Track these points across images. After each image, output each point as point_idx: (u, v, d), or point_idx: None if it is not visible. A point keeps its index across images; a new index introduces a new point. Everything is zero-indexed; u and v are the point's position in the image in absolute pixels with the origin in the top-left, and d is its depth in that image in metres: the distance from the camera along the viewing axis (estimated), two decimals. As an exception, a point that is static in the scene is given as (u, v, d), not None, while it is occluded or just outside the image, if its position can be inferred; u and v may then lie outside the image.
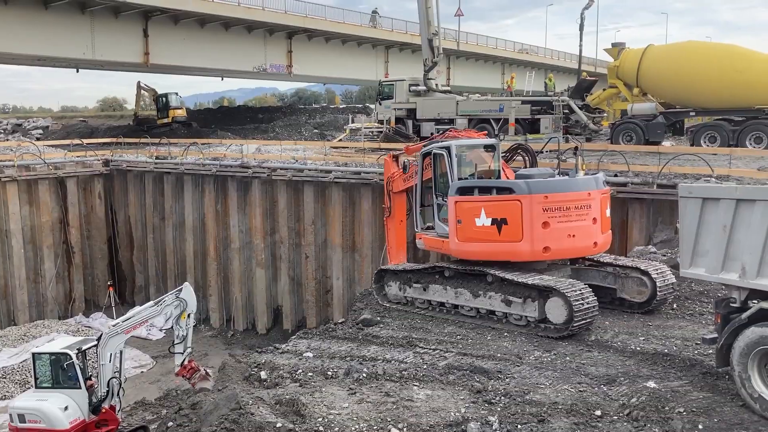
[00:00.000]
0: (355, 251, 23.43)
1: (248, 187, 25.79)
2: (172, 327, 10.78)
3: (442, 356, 10.38)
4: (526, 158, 16.04)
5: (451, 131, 15.05)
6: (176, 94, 47.16)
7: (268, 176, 24.83)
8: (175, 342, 10.65)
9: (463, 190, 12.56)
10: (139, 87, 47.31)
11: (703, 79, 24.27)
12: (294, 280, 25.11)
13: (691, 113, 25.70)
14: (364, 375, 9.58)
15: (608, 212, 12.59)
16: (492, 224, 11.93)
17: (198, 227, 27.47)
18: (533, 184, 11.85)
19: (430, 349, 10.80)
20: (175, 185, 28.26)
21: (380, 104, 32.94)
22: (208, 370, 10.77)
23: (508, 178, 13.64)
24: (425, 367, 9.86)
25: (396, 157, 15.78)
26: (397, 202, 15.63)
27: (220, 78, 55.99)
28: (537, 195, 11.64)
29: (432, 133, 15.73)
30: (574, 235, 11.82)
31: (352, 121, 41.82)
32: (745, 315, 7.87)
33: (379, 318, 13.03)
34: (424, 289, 13.23)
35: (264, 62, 46.24)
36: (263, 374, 9.95)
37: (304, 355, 10.91)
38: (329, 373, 9.83)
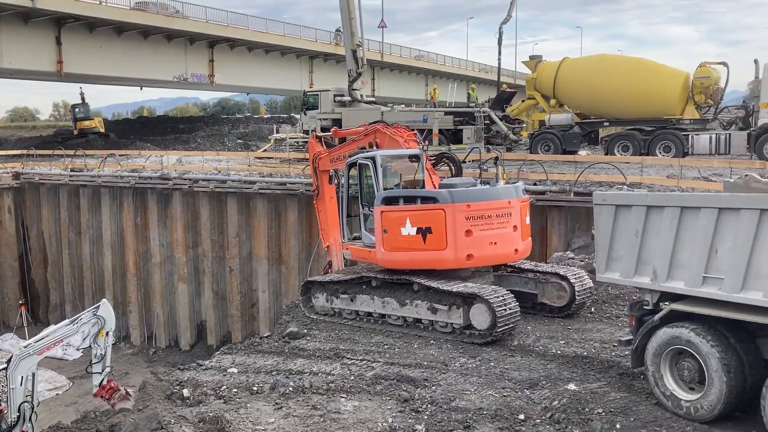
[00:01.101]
0: (282, 263, 23.18)
1: (169, 200, 25.13)
2: (89, 346, 10.34)
3: (369, 366, 10.37)
4: (452, 167, 16.27)
5: (379, 125, 14.92)
6: (86, 104, 45.65)
7: (189, 188, 24.28)
8: (93, 361, 10.20)
9: (389, 200, 12.64)
10: (81, 94, 46.06)
11: (615, 91, 25.36)
12: (218, 294, 24.60)
13: (605, 123, 26.82)
14: (291, 389, 9.45)
15: (528, 220, 12.92)
16: (417, 233, 12.05)
17: (116, 242, 26.54)
18: (456, 193, 12.05)
19: (357, 359, 10.77)
20: (91, 198, 27.23)
21: (305, 114, 32.84)
22: (128, 390, 10.38)
23: (434, 184, 13.79)
24: (352, 378, 9.82)
25: (320, 138, 15.84)
26: (324, 181, 15.58)
27: (139, 87, 54.53)
28: (460, 204, 11.84)
29: (363, 124, 15.61)
30: (495, 243, 12.07)
31: (277, 131, 41.57)
32: (657, 317, 8.21)
33: (306, 330, 12.90)
34: (352, 300, 13.20)
35: (185, 72, 45.39)
36: (186, 392, 9.67)
37: (229, 370, 10.67)
38: (255, 388, 9.66)
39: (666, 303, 8.23)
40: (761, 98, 22.77)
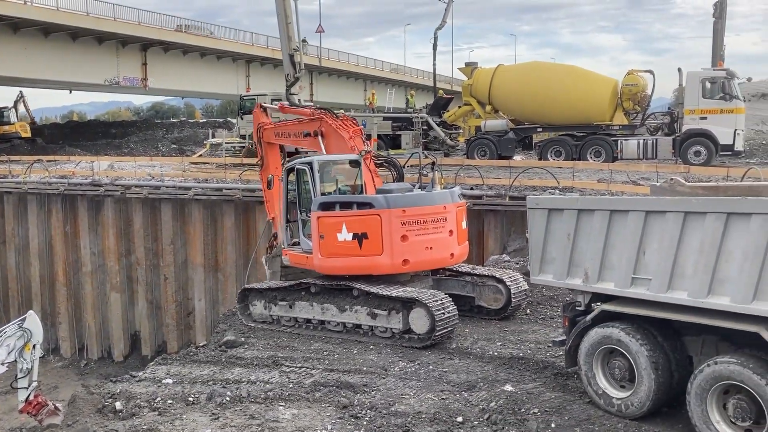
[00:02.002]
0: (218, 271, 22.76)
1: (100, 207, 24.36)
2: (15, 360, 9.90)
3: (308, 374, 10.30)
4: (393, 172, 16.31)
5: (326, 114, 14.45)
6: (11, 109, 43.90)
7: (121, 194, 23.60)
8: (19, 376, 9.76)
9: (326, 206, 12.62)
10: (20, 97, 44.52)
11: (547, 97, 25.99)
12: (152, 303, 23.96)
13: (539, 129, 27.44)
14: (228, 398, 9.29)
15: (464, 224, 13.08)
16: (353, 239, 12.08)
17: (45, 250, 25.52)
18: (392, 198, 12.14)
19: (296, 367, 10.69)
20: (17, 206, 26.13)
21: (242, 119, 32.48)
22: (57, 405, 9.98)
23: (376, 187, 13.80)
24: (291, 386, 9.73)
25: (264, 108, 15.58)
26: (269, 152, 15.29)
27: (69, 91, 52.78)
28: (395, 209, 11.93)
29: (308, 107, 15.18)
30: (431, 248, 12.17)
31: (213, 136, 40.92)
32: (588, 317, 8.44)
33: (243, 339, 12.73)
34: (290, 307, 13.09)
35: (116, 75, 44.17)
36: (118, 405, 9.37)
37: (164, 381, 10.41)
38: (190, 398, 9.45)
39: (597, 304, 8.47)
40: (685, 105, 23.75)
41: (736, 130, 23.05)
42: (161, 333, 23.97)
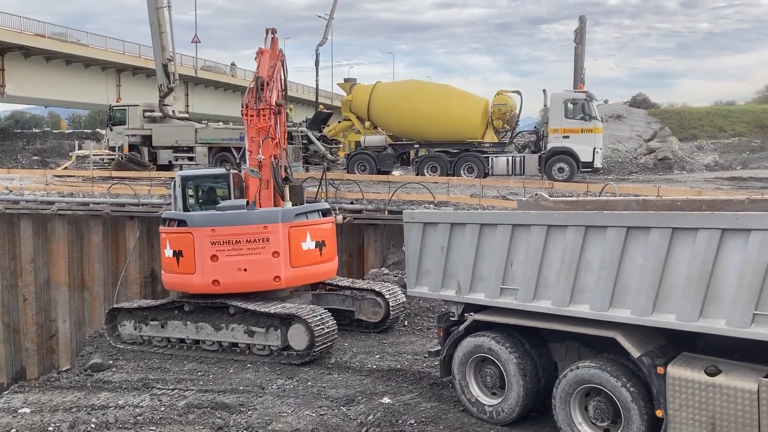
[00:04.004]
0: (85, 290, 21.45)
1: (-51, 223, 22.32)
2: None
3: (181, 395, 9.91)
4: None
5: (248, 100, 13.02)
6: None
7: (-26, 210, 21.75)
8: None
9: (166, 222, 12.77)
10: None
11: (422, 115, 26.68)
12: (10, 326, 22.16)
13: (416, 145, 28.10)
14: (93, 426, 8.75)
15: (309, 245, 12.45)
16: (173, 256, 12.24)
17: None
18: (204, 216, 12.24)
19: (168, 389, 10.26)
20: None
21: (111, 130, 31.01)
22: None
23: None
24: (163, 409, 9.32)
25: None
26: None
27: None
28: (205, 228, 11.95)
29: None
30: (246, 269, 11.98)
31: (80, 148, 38.74)
32: (462, 327, 8.71)
33: (111, 361, 12.07)
34: (162, 326, 12.58)
35: (-31, 80, 40.79)
36: (-34, 440, 8.60)
37: (20, 411, 9.64)
38: (50, 428, 8.81)
39: (470, 314, 8.76)
40: (549, 124, 25.21)
41: (595, 148, 24.72)
42: (19, 358, 22.22)
